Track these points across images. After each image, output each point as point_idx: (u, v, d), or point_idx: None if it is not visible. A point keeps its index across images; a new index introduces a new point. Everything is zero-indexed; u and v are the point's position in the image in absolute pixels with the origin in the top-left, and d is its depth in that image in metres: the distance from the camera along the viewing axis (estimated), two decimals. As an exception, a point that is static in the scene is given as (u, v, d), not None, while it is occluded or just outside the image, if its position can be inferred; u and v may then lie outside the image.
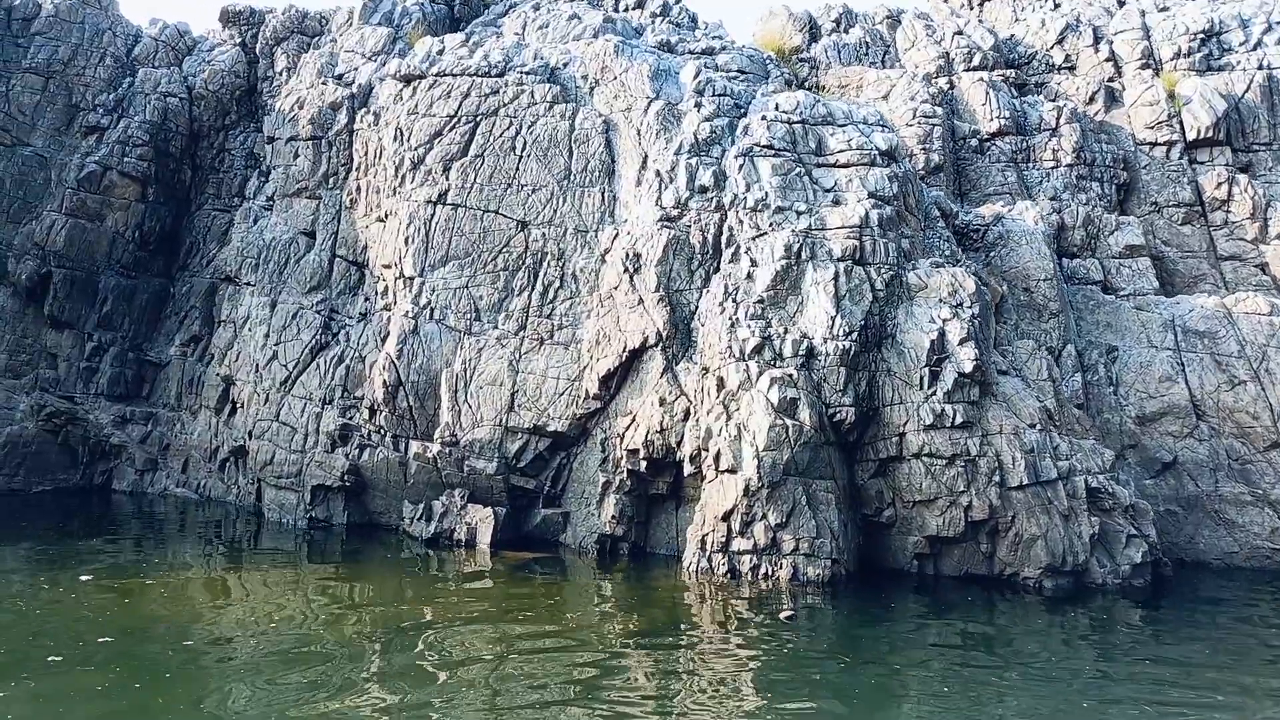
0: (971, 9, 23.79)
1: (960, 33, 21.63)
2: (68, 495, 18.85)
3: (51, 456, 19.17)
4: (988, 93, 19.41)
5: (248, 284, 19.08)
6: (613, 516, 13.70)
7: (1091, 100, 19.53)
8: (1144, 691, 8.57)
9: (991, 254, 16.31)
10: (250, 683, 8.58)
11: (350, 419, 15.95)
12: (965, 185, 18.78)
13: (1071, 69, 20.56)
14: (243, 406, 17.67)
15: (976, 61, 20.80)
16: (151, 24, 24.36)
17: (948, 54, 21.27)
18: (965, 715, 7.91)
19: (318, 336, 17.36)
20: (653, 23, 22.64)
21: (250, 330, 18.23)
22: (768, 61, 20.24)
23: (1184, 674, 9.07)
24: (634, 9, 23.73)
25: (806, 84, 21.71)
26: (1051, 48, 20.92)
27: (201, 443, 18.91)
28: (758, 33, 23.88)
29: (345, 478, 15.41)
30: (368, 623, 10.47)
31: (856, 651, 9.67)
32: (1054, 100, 19.62)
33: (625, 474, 13.81)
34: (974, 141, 19.10)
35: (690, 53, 19.85)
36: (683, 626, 10.53)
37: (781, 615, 10.44)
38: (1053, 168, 18.32)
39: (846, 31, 23.36)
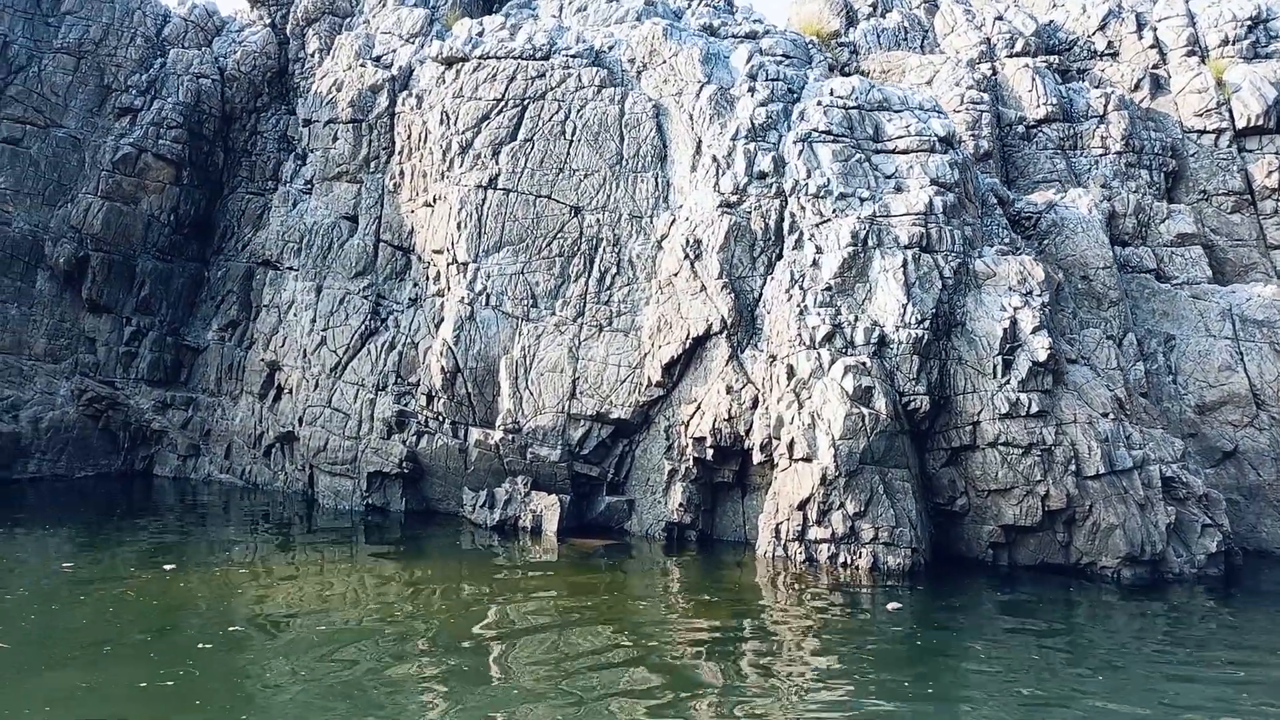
0: (1008, -6, 23.55)
1: (1000, 18, 21.42)
2: (110, 481, 18.62)
3: (93, 442, 18.93)
4: (1034, 79, 19.24)
5: (290, 268, 18.82)
6: (680, 504, 13.59)
7: (1136, 87, 19.38)
8: (1226, 684, 8.50)
9: (1045, 241, 16.17)
10: (299, 666, 8.49)
11: (406, 405, 15.76)
12: (1012, 172, 18.63)
13: (1114, 55, 20.39)
14: (290, 392, 17.45)
15: (1019, 47, 20.60)
16: (180, 4, 23.89)
17: (989, 39, 21.06)
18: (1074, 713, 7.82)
19: (367, 322, 17.14)
20: (689, 6, 22.37)
21: (295, 315, 17.98)
22: (810, 46, 20.02)
23: (1263, 669, 9.00)
24: (669, -8, 23.45)
25: (847, 69, 21.50)
26: (1093, 34, 20.74)
27: (244, 428, 18.70)
28: (793, 17, 23.60)
29: (404, 464, 15.24)
30: (434, 608, 10.36)
31: (953, 640, 9.60)
32: (1098, 87, 19.48)
33: (691, 462, 13.68)
34: (1020, 128, 18.94)
35: (734, 37, 19.58)
36: (769, 615, 10.43)
37: (889, 607, 10.36)
38: (1101, 155, 18.19)
39: (883, 16, 23.11)
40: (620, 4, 20.90)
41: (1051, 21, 21.75)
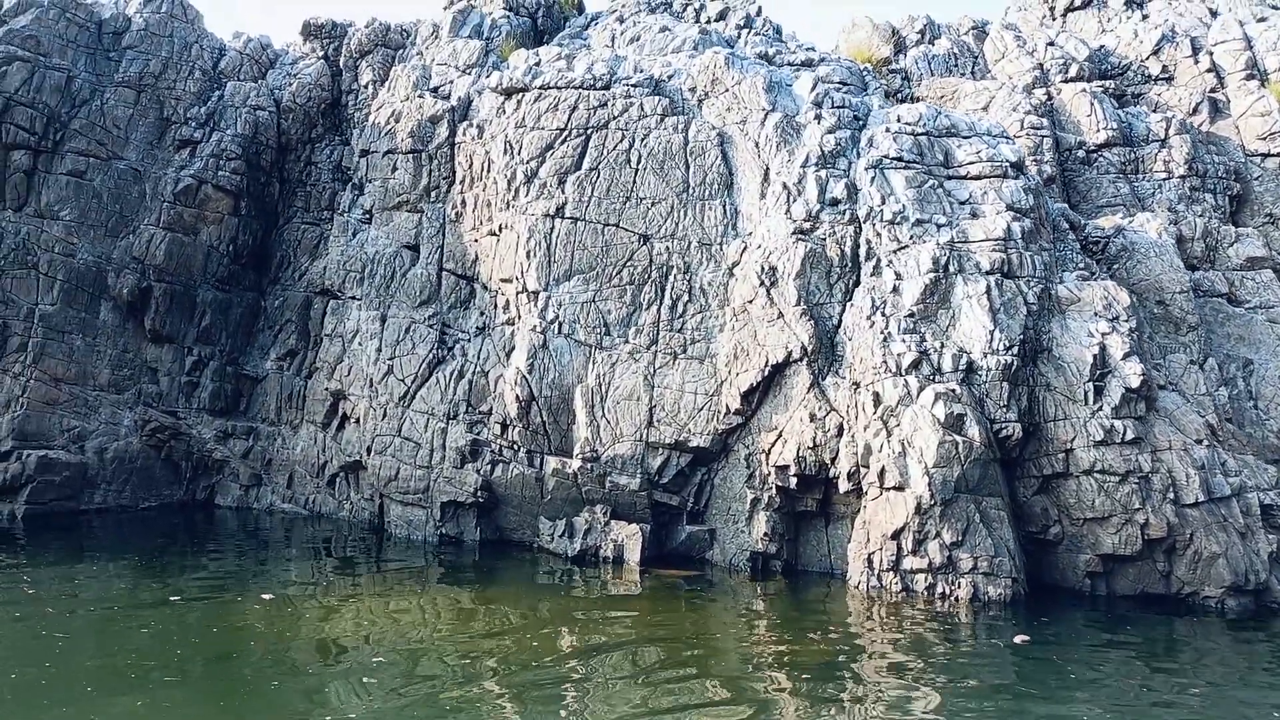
0: (1055, 20, 23.58)
1: (1053, 44, 21.40)
2: (173, 511, 18.51)
3: (156, 472, 18.84)
4: (1092, 103, 19.16)
5: (352, 298, 18.80)
6: (764, 534, 13.39)
7: (1195, 111, 19.28)
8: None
9: (1115, 266, 16.02)
10: (367, 694, 8.34)
11: (479, 434, 15.64)
12: (1074, 197, 18.51)
13: (1169, 80, 20.31)
14: (357, 422, 17.36)
15: (1073, 73, 20.56)
16: (235, 38, 24.12)
17: (1041, 65, 21.03)
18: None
19: (434, 351, 17.07)
20: (739, 35, 22.48)
21: (360, 344, 17.93)
22: (865, 73, 20.04)
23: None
24: (716, 21, 23.57)
25: (900, 95, 21.49)
26: (1147, 59, 20.68)
27: (307, 458, 18.61)
28: (842, 44, 23.66)
29: (479, 494, 15.09)
30: (511, 637, 10.18)
31: (1090, 671, 9.37)
32: (1156, 111, 19.39)
33: (774, 490, 13.50)
34: (1080, 153, 18.84)
35: (790, 65, 19.65)
36: (875, 646, 10.21)
37: (1016, 640, 10.13)
38: (1164, 179, 18.06)
39: (932, 43, 23.13)
40: (674, 34, 21.02)
41: (1102, 47, 21.72)
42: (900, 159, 15.31)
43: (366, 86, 22.74)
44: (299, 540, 16.43)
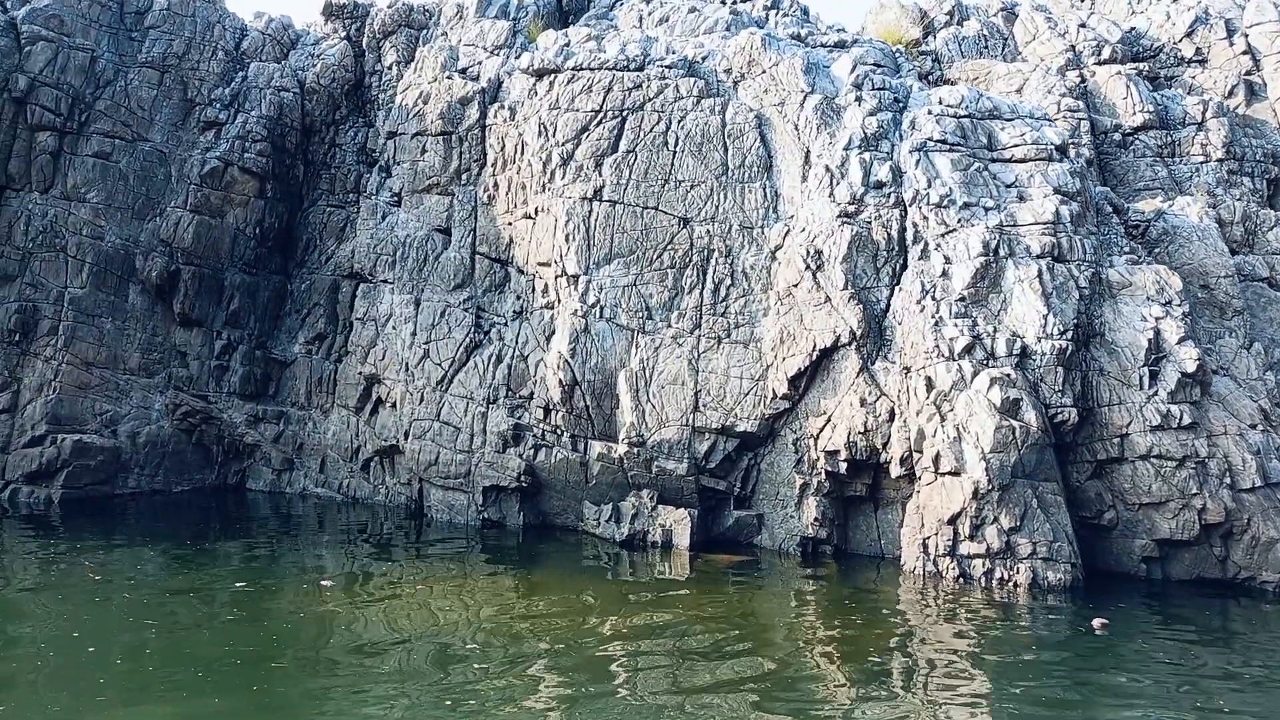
0: (1083, 1, 23.34)
1: (1084, 25, 21.18)
2: (205, 495, 18.40)
3: (187, 456, 18.70)
4: (1128, 86, 18.98)
5: (384, 281, 18.61)
6: (815, 519, 13.31)
7: (1230, 94, 19.12)
8: None
9: (1156, 250, 15.88)
10: (410, 680, 8.27)
11: (520, 419, 15.52)
12: (1111, 180, 18.34)
13: (1203, 62, 20.13)
14: (393, 406, 17.21)
15: (1106, 54, 20.36)
16: (256, 17, 23.76)
17: (1073, 47, 20.82)
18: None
19: (470, 335, 16.92)
20: (766, 16, 22.22)
21: (395, 329, 17.77)
22: (898, 55, 19.84)
23: None
24: (743, 1, 23.29)
25: (931, 77, 21.28)
26: (1180, 40, 20.49)
27: (339, 442, 18.48)
28: (869, 26, 23.39)
29: (522, 478, 14.98)
30: (557, 623, 10.11)
31: (1149, 660, 9.32)
32: (1190, 93, 19.23)
33: (823, 475, 13.42)
34: (1116, 135, 18.67)
35: (823, 46, 19.41)
36: (935, 629, 10.15)
37: (1095, 623, 10.07)
38: (1202, 162, 17.91)
39: (961, 24, 22.88)
40: (705, 15, 20.73)
41: (1133, 29, 21.50)
42: (944, 142, 15.14)
43: (391, 68, 22.43)
44: (336, 524, 16.34)
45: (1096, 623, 10.11)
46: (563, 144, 17.05)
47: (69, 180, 19.26)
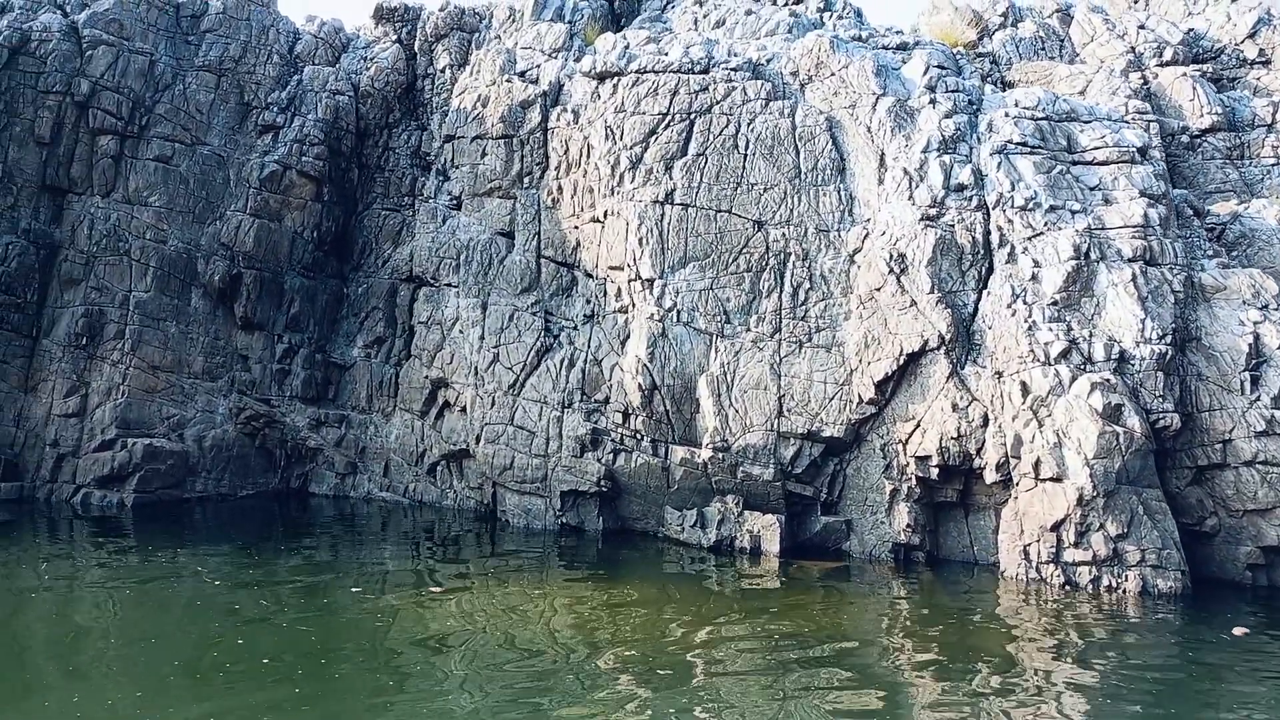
0: (1136, 1, 23.13)
1: (1144, 26, 20.96)
2: (269, 499, 18.27)
3: (251, 460, 18.56)
4: (1194, 88, 18.76)
5: (449, 285, 18.46)
6: (908, 525, 13.12)
7: (1297, 95, 18.89)
8: None
9: (1234, 253, 15.69)
10: (480, 682, 8.14)
11: (597, 423, 15.35)
12: (1180, 183, 18.11)
13: (1266, 63, 19.90)
14: (463, 410, 17.05)
15: (1167, 56, 20.14)
16: (308, 21, 23.68)
17: (1133, 49, 20.61)
18: None
19: (540, 339, 16.76)
20: (820, 18, 22.06)
21: (462, 332, 17.62)
22: (958, 57, 19.65)
23: None
24: (795, 3, 23.13)
25: (990, 79, 21.09)
26: (1241, 42, 20.26)
27: (403, 446, 18.33)
28: (923, 28, 23.20)
29: (602, 483, 14.81)
30: (642, 631, 9.81)
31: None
32: (1256, 95, 19.01)
33: (914, 481, 13.24)
34: (1184, 138, 18.46)
35: (884, 48, 19.25)
36: (1053, 638, 9.91)
37: (1236, 632, 9.87)
38: (1273, 165, 17.69)
39: (1015, 26, 22.69)
40: (763, 17, 20.58)
41: (1192, 30, 21.28)
42: (1024, 144, 14.96)
43: (444, 71, 22.31)
44: (410, 528, 16.13)
45: (1238, 631, 9.90)
46: (630, 147, 16.90)
47: (130, 184, 19.16)
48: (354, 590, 11.40)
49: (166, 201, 19.25)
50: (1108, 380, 12.13)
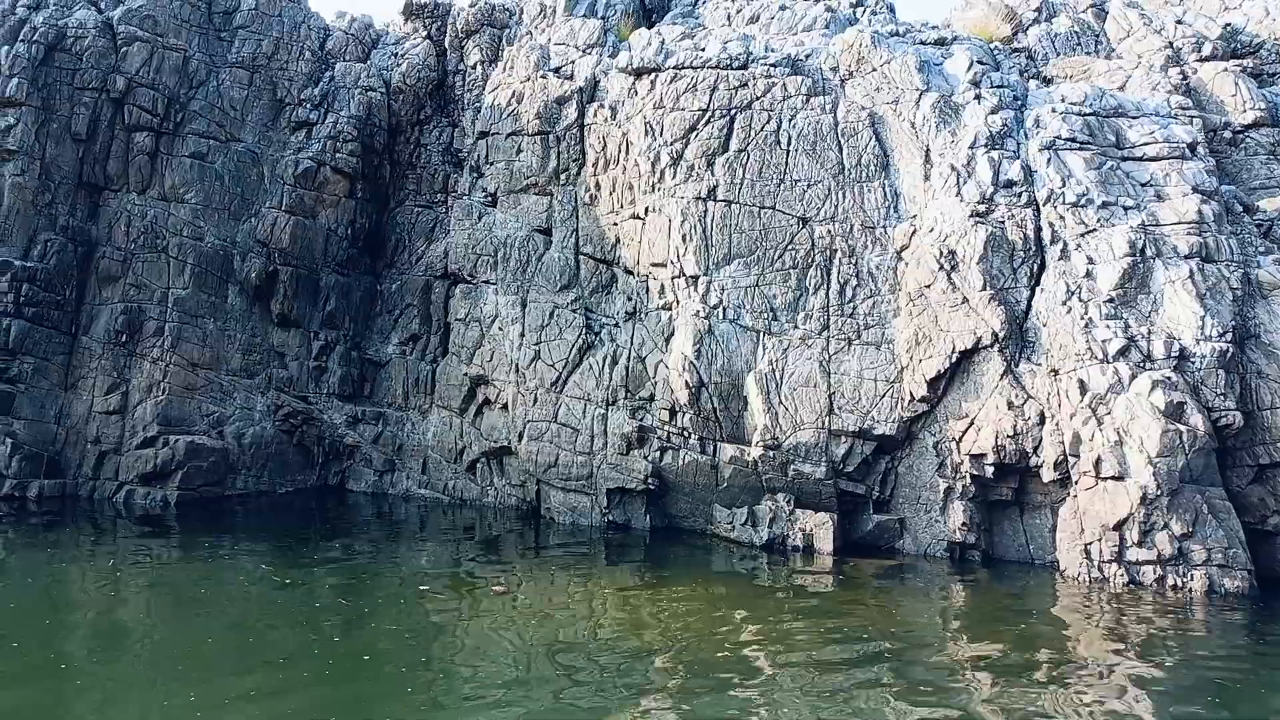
0: (1170, -3, 22.91)
1: (1181, 21, 20.77)
2: (309, 496, 18.18)
3: (289, 457, 18.48)
4: (1236, 83, 18.54)
5: (486, 282, 18.35)
6: (963, 523, 13.00)
7: (1339, 91, 18.69)
8: None
9: (1282, 249, 15.54)
10: (526, 680, 8.03)
11: (643, 420, 15.25)
12: (1224, 179, 17.97)
13: (1306, 59, 19.70)
14: (504, 407, 16.96)
15: (1206, 51, 19.93)
16: (339, 17, 23.57)
17: (1171, 44, 20.41)
18: None
19: (582, 336, 16.65)
20: (853, 13, 21.89)
21: (501, 329, 17.51)
22: (996, 52, 19.49)
23: None
24: (827, -1, 22.95)
25: (1027, 75, 20.91)
26: (1280, 37, 20.07)
27: (442, 443, 18.24)
28: (956, 22, 23.02)
29: (649, 481, 14.72)
30: (691, 630, 9.69)
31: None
32: (1297, 91, 18.81)
33: (968, 479, 13.12)
34: (1226, 134, 18.27)
35: (922, 43, 19.08)
36: (1128, 639, 9.77)
37: None
38: (1318, 160, 17.50)
39: (1049, 21, 22.50)
40: (798, 13, 20.41)
41: (1229, 24, 21.08)
42: (1073, 140, 14.81)
43: (475, 67, 22.20)
44: (451, 525, 16.02)
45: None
46: (671, 143, 16.77)
47: (166, 181, 19.06)
48: (404, 588, 11.31)
49: (203, 198, 19.16)
50: (1169, 378, 12.00)
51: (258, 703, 7.55)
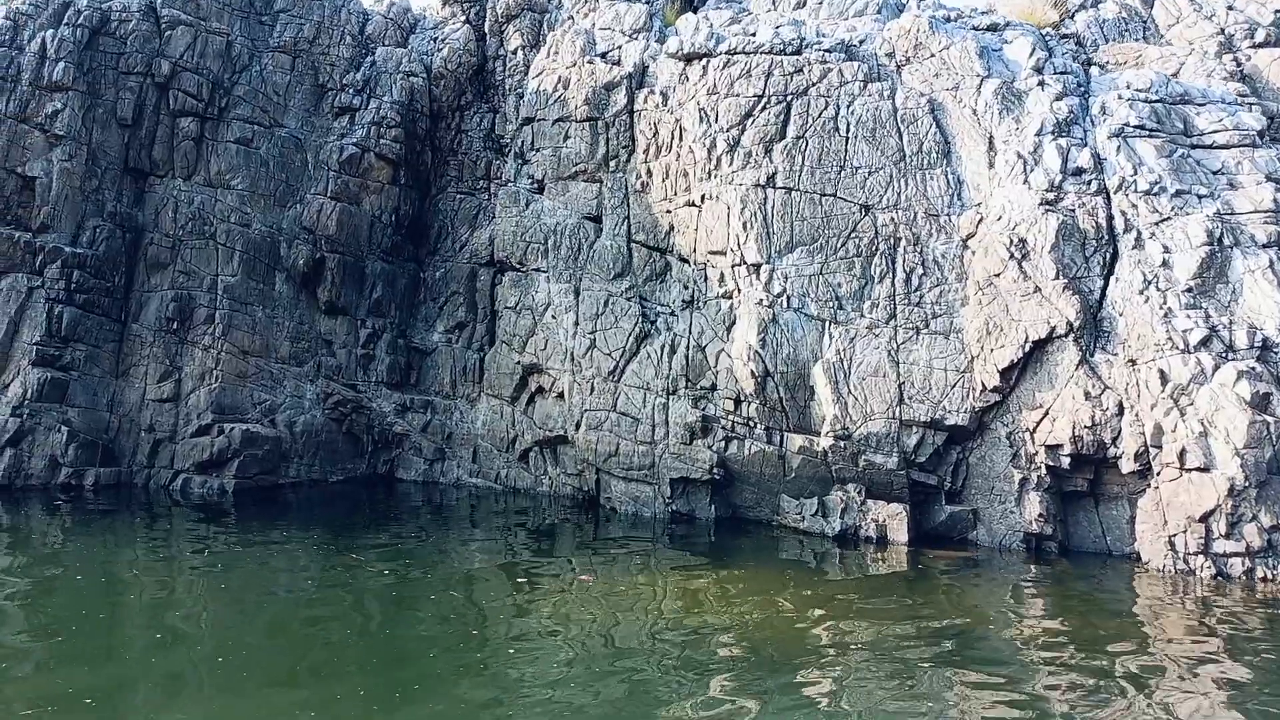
0: (1217, -16, 22.62)
1: (1232, 7, 20.50)
2: (359, 485, 18.04)
3: (339, 445, 18.32)
4: (1293, 70, 18.33)
5: (537, 269, 18.14)
6: (1039, 515, 12.86)
7: (1396, 78, 18.45)
8: None
9: (1347, 238, 15.35)
10: (580, 678, 7.88)
11: (705, 410, 15.09)
12: (1281, 166, 17.77)
13: (1360, 45, 19.44)
14: (558, 396, 16.80)
15: (1260, 38, 19.65)
16: (377, 1, 23.29)
17: (1223, 30, 20.15)
18: None
19: (638, 324, 16.47)
20: (900, -1, 21.59)
21: (555, 318, 17.32)
22: (1048, 38, 19.24)
23: None
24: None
25: (1078, 60, 20.65)
26: (1333, 24, 19.79)
27: (492, 432, 18.08)
28: (998, 7, 22.73)
29: (714, 471, 14.58)
30: (762, 623, 9.55)
31: None
32: (1353, 78, 18.57)
33: (1043, 470, 12.98)
34: (1283, 121, 18.06)
35: (975, 29, 18.84)
36: (1229, 634, 9.65)
37: None
38: (1378, 148, 17.29)
39: (1096, 7, 22.23)
40: (846, -3, 20.14)
41: (1278, 10, 20.82)
42: (1142, 127, 14.61)
43: (515, 52, 21.92)
44: (510, 515, 15.84)
45: None
46: (727, 130, 16.53)
47: (212, 167, 18.82)
48: (473, 574, 11.18)
49: (249, 185, 18.92)
50: (1253, 368, 11.84)
51: (320, 685, 7.40)
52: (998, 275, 13.99)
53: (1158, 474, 12.04)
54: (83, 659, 8.00)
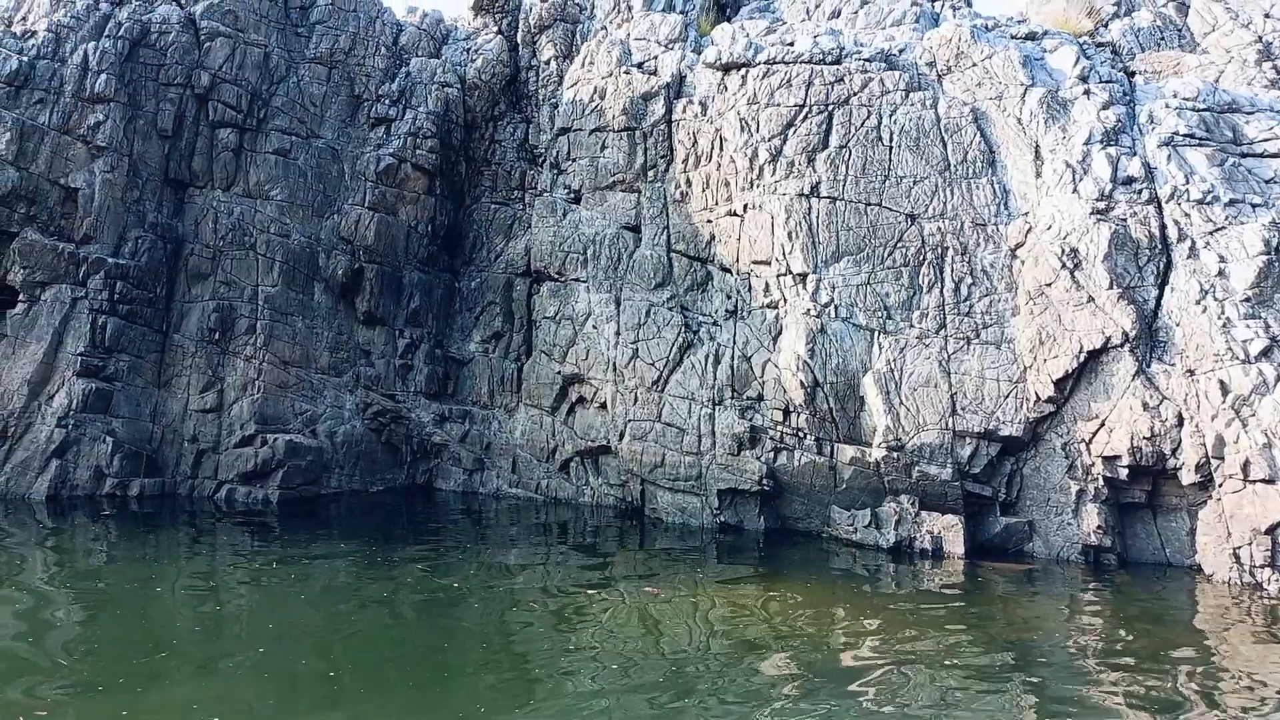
0: (1250, -8, 22.51)
1: (1269, 15, 20.38)
2: (399, 495, 17.94)
3: (378, 455, 18.25)
4: (1335, 78, 18.20)
5: (576, 279, 18.07)
6: (1098, 527, 12.71)
7: None
8: None
9: (1397, 247, 15.20)
10: (620, 691, 7.76)
11: (753, 420, 14.98)
12: (1325, 174, 17.63)
13: (1400, 53, 19.31)
14: (600, 407, 16.70)
15: (1298, 46, 19.56)
16: (410, 12, 23.28)
17: (1260, 37, 20.04)
18: None
19: (681, 334, 16.37)
20: (931, 7, 21.54)
21: (596, 328, 17.23)
22: (1085, 47, 19.14)
23: None
24: (902, -6, 22.57)
25: (1115, 69, 20.55)
26: (1372, 31, 19.67)
27: (532, 442, 17.98)
28: (1032, 16, 22.65)
29: (764, 482, 14.46)
30: (816, 636, 9.48)
31: None
32: (1394, 86, 18.43)
33: (1100, 481, 12.84)
34: (1326, 129, 17.91)
35: (1014, 38, 18.76)
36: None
37: None
38: None
39: (1130, 15, 22.13)
40: (883, 7, 20.06)
41: (1316, 19, 20.70)
42: (1191, 136, 14.49)
43: (548, 63, 21.89)
44: (554, 525, 15.70)
45: None
46: (769, 139, 16.46)
47: (251, 177, 18.81)
48: (519, 590, 11.06)
49: (287, 195, 18.91)
50: (1318, 379, 11.71)
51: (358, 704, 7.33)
52: (1049, 285, 13.87)
53: (1220, 485, 11.90)
54: (127, 676, 7.88)
